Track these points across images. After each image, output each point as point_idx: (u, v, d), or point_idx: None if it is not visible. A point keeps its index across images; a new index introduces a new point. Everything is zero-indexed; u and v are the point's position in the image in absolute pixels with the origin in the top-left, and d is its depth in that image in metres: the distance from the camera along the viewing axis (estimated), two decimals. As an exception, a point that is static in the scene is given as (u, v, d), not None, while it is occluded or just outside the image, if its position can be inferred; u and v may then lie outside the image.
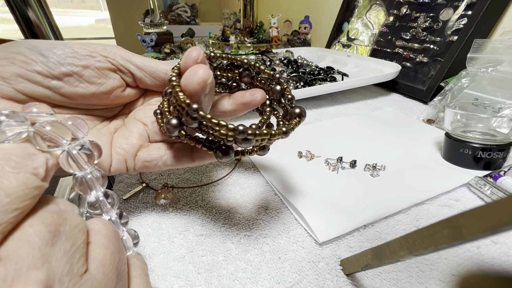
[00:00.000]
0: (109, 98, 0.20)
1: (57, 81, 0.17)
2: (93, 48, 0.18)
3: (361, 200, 0.25)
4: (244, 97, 0.20)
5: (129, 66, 0.20)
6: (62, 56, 0.17)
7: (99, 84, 0.19)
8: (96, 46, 0.19)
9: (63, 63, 0.17)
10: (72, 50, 0.18)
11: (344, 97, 0.53)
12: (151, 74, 0.20)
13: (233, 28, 1.13)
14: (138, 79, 0.20)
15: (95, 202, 0.14)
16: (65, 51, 0.17)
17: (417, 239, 0.12)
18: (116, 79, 0.20)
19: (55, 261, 0.09)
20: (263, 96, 0.20)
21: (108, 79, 0.19)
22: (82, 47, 0.18)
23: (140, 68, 0.20)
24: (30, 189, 0.09)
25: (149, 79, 0.20)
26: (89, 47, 0.18)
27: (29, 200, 0.09)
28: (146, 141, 0.21)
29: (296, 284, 0.18)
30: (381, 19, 0.63)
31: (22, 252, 0.09)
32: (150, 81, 0.20)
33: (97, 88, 0.19)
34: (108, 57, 0.19)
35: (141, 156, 0.20)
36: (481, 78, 0.38)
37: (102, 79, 0.19)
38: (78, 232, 0.11)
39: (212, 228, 0.22)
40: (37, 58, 0.17)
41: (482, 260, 0.20)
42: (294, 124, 0.18)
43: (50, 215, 0.10)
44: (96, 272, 0.10)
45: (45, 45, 0.17)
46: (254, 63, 0.21)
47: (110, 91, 0.19)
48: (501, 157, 0.27)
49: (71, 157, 0.13)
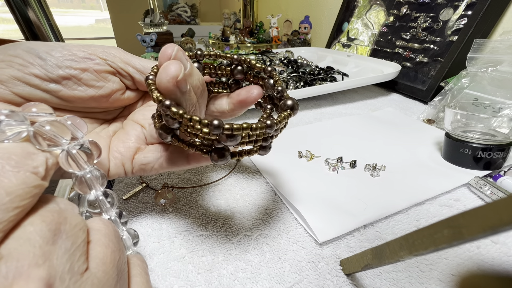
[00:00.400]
0: (108, 101, 0.19)
1: (55, 84, 0.17)
2: (92, 50, 0.18)
3: (361, 200, 0.25)
4: (240, 95, 0.20)
5: (128, 69, 0.19)
6: (60, 59, 0.17)
7: (98, 87, 0.18)
8: (95, 48, 0.18)
9: (61, 66, 0.17)
10: (70, 53, 0.17)
11: (344, 97, 0.53)
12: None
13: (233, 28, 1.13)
14: (137, 82, 0.20)
15: (95, 201, 0.14)
16: (63, 53, 0.17)
17: (417, 239, 0.12)
18: (115, 82, 0.19)
19: (56, 259, 0.09)
20: (259, 92, 0.20)
21: (107, 82, 0.19)
22: (81, 49, 0.18)
23: (140, 71, 0.20)
24: (30, 187, 0.10)
25: None
26: (87, 49, 0.18)
27: (29, 198, 0.10)
28: (143, 144, 0.20)
29: (296, 284, 0.18)
30: (381, 19, 0.63)
31: (23, 250, 0.09)
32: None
33: (96, 91, 0.18)
34: (107, 59, 0.19)
35: (137, 159, 0.19)
36: (481, 78, 0.38)
37: (101, 82, 0.19)
38: (79, 231, 0.11)
39: (212, 228, 0.22)
40: (34, 61, 0.16)
41: (482, 260, 0.20)
42: (283, 117, 0.17)
43: (50, 213, 0.10)
44: (96, 270, 0.11)
45: (43, 48, 0.17)
46: (244, 58, 0.20)
47: (109, 94, 0.19)
48: (501, 157, 0.27)
49: (71, 156, 0.13)
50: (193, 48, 0.83)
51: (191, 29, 1.08)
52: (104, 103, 0.20)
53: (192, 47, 0.82)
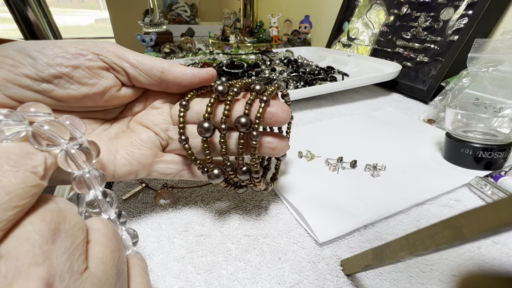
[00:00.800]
0: (103, 99, 0.19)
1: (46, 84, 0.16)
2: (84, 45, 0.17)
3: (361, 200, 0.25)
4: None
5: (123, 64, 0.18)
6: (51, 56, 0.16)
7: (91, 85, 0.18)
8: (87, 44, 0.18)
9: (52, 64, 0.16)
10: (61, 50, 0.17)
11: (345, 97, 0.53)
12: (146, 72, 0.19)
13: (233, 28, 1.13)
14: (132, 77, 0.19)
15: (94, 201, 0.14)
16: (54, 51, 0.16)
17: (417, 240, 0.12)
18: (109, 79, 0.18)
19: (56, 258, 0.09)
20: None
21: (101, 78, 0.18)
22: (73, 45, 0.17)
23: (135, 66, 0.19)
24: (29, 187, 0.10)
25: (144, 77, 0.19)
26: (79, 45, 0.17)
27: (28, 198, 0.10)
28: (159, 151, 0.20)
29: (296, 284, 0.18)
30: (381, 18, 0.63)
31: (23, 249, 0.09)
32: (145, 80, 0.19)
33: (89, 89, 0.18)
34: (100, 54, 0.18)
35: (158, 168, 0.20)
36: (482, 78, 0.38)
37: (94, 79, 0.18)
38: (78, 230, 0.11)
39: (212, 228, 0.22)
40: (25, 61, 0.16)
41: (483, 260, 0.20)
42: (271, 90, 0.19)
43: (49, 213, 0.10)
44: (96, 270, 0.11)
45: (34, 46, 0.16)
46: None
47: (103, 91, 0.18)
48: (502, 157, 0.27)
49: (70, 156, 0.13)
50: (193, 48, 0.83)
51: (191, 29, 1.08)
52: (100, 101, 0.19)
53: (192, 47, 0.82)
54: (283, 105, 0.19)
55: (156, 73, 0.19)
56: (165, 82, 0.19)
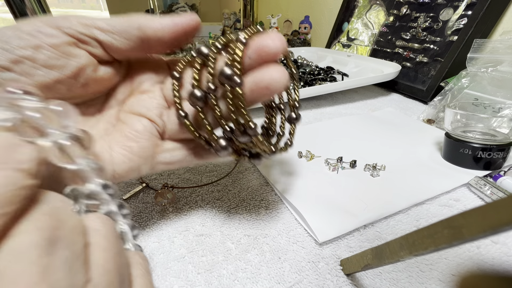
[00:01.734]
0: (80, 82, 0.16)
1: (8, 72, 0.14)
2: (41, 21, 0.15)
3: (361, 200, 0.25)
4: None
5: (92, 32, 0.16)
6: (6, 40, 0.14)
7: (60, 67, 0.15)
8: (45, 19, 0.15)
9: (8, 48, 0.14)
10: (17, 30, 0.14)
11: (344, 97, 0.53)
12: (122, 34, 0.16)
13: (233, 28, 1.13)
14: (107, 46, 0.16)
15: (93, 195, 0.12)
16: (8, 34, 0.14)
17: (417, 239, 0.12)
18: (81, 56, 0.16)
19: (55, 273, 0.08)
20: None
21: (71, 57, 0.15)
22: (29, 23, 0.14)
23: (107, 30, 0.16)
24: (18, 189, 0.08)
25: (121, 41, 0.16)
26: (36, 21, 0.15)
27: (18, 202, 0.08)
28: (157, 140, 0.18)
29: (296, 284, 0.18)
30: (381, 19, 0.63)
31: (17, 268, 0.07)
32: (122, 45, 0.16)
33: (60, 72, 0.15)
34: (62, 27, 0.15)
35: (163, 158, 0.18)
36: (481, 78, 0.38)
37: (63, 60, 0.15)
38: (77, 235, 0.10)
39: (212, 228, 0.22)
40: None
41: (482, 260, 0.20)
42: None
43: (44, 217, 0.09)
44: (99, 281, 0.09)
45: None
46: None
47: (77, 73, 0.16)
48: (501, 157, 0.27)
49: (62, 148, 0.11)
50: (193, 48, 0.83)
51: (191, 29, 1.07)
52: (76, 87, 0.16)
53: (192, 47, 0.82)
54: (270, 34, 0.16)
55: (133, 31, 0.16)
56: (146, 41, 0.17)
